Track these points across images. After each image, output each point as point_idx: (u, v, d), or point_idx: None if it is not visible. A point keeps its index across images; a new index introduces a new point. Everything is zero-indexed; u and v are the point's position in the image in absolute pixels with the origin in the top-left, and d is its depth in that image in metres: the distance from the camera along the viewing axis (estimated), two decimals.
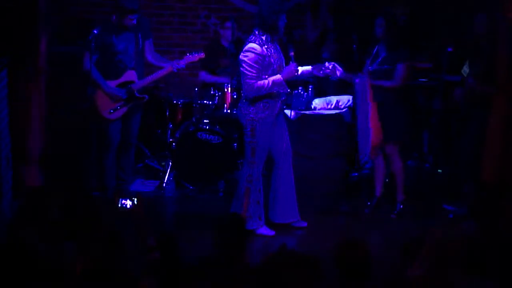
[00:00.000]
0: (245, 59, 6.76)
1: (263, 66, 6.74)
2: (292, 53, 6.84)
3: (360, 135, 7.58)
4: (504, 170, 7.15)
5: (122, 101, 7.75)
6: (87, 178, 7.97)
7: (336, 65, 7.10)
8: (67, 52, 8.27)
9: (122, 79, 7.76)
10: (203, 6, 10.25)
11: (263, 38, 6.78)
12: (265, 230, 7.05)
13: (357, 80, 7.46)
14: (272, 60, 6.77)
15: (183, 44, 10.19)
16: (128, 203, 7.06)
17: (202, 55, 8.06)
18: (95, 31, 7.43)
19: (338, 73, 7.07)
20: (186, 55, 8.00)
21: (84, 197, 6.60)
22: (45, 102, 7.16)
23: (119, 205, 6.98)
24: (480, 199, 7.27)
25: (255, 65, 6.73)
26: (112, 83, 7.71)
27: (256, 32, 6.81)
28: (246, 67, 6.75)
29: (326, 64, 7.09)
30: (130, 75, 7.77)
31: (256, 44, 6.76)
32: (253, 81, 6.73)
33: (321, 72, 7.02)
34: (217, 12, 10.22)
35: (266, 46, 6.76)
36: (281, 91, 6.80)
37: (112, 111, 7.74)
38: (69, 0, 9.91)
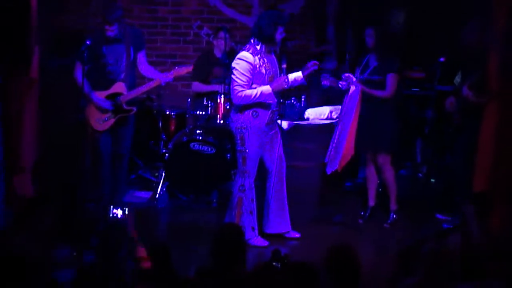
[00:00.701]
0: (236, 66, 6.80)
1: (254, 75, 6.76)
2: (284, 65, 6.86)
3: (332, 144, 7.57)
4: (496, 180, 7.16)
5: (109, 112, 7.71)
6: (81, 189, 7.92)
7: (351, 75, 7.24)
8: (60, 63, 8.26)
9: (111, 90, 7.70)
10: (196, 17, 10.26)
11: (258, 48, 6.80)
12: (258, 241, 7.04)
13: (354, 88, 7.48)
14: (264, 70, 6.79)
15: (176, 55, 10.21)
16: (119, 212, 7.11)
17: (190, 68, 8.05)
18: (88, 42, 7.41)
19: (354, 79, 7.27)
20: (175, 68, 7.97)
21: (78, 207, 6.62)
22: (39, 113, 7.15)
23: (111, 215, 7.03)
24: (472, 209, 7.28)
25: (244, 74, 6.76)
26: (102, 94, 7.68)
27: (252, 41, 6.84)
28: (236, 74, 6.79)
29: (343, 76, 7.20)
30: (119, 86, 7.71)
31: (249, 53, 6.79)
32: (242, 89, 6.76)
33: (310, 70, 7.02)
34: (209, 23, 10.23)
35: (259, 56, 6.78)
36: (268, 101, 6.79)
37: (100, 122, 7.71)
38: (62, 12, 9.91)
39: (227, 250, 4.66)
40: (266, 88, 6.74)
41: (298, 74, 7.05)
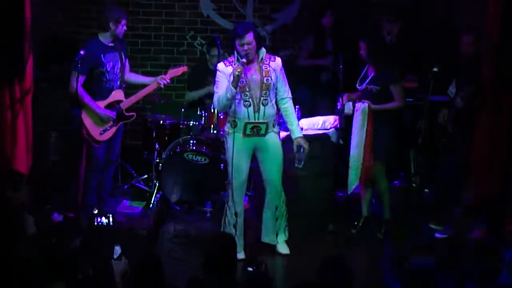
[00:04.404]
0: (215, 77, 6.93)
1: (228, 82, 6.78)
2: (243, 60, 6.81)
3: (352, 162, 7.63)
4: (489, 189, 7.18)
5: (111, 121, 7.73)
6: (70, 197, 7.90)
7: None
8: (53, 72, 8.26)
9: (110, 99, 7.73)
10: (189, 27, 10.28)
11: (234, 58, 6.86)
12: None
13: (361, 105, 7.53)
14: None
15: (169, 65, 10.18)
16: (104, 221, 7.21)
17: (185, 68, 8.11)
18: (82, 52, 7.40)
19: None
20: (169, 69, 8.05)
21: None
22: (32, 122, 7.15)
23: (96, 224, 7.13)
24: (464, 219, 7.31)
25: (217, 81, 6.90)
26: (101, 104, 7.68)
27: (234, 53, 6.88)
28: (215, 84, 6.95)
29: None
30: (118, 94, 7.77)
31: (223, 63, 6.94)
32: (216, 94, 6.89)
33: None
34: (203, 33, 10.26)
35: (235, 66, 6.80)
36: (230, 95, 6.72)
37: (102, 132, 7.70)
38: (55, 21, 9.92)
39: (217, 260, 4.65)
40: (228, 84, 6.78)
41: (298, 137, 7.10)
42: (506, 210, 6.99)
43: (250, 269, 5.71)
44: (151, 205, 8.36)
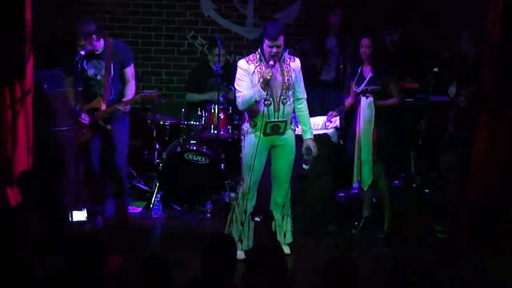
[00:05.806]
0: (236, 75, 6.86)
1: (250, 81, 6.77)
2: (271, 63, 6.79)
3: (366, 158, 7.62)
4: (490, 190, 7.18)
5: (87, 126, 7.69)
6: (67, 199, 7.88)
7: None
8: (53, 73, 8.25)
9: (91, 105, 7.67)
10: (190, 27, 10.28)
11: (258, 57, 6.83)
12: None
13: (366, 100, 7.53)
14: (256, 78, 6.75)
15: (170, 65, 10.23)
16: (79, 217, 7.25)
17: (157, 92, 7.98)
18: (82, 53, 7.39)
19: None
20: (141, 91, 7.97)
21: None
22: (33, 123, 7.15)
23: (71, 219, 7.15)
24: (466, 219, 7.31)
25: (241, 79, 6.82)
26: (85, 108, 7.65)
27: (258, 51, 6.85)
28: (236, 82, 6.87)
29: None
30: (97, 102, 7.67)
31: (244, 60, 6.87)
32: (241, 93, 6.81)
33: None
34: (204, 33, 10.25)
35: (257, 64, 6.79)
36: (258, 98, 6.72)
37: (79, 134, 7.67)
38: (55, 22, 9.92)
39: (217, 261, 4.64)
40: (257, 86, 6.75)
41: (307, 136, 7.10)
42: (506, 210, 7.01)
43: (257, 219, 5.70)
44: (151, 205, 8.37)
